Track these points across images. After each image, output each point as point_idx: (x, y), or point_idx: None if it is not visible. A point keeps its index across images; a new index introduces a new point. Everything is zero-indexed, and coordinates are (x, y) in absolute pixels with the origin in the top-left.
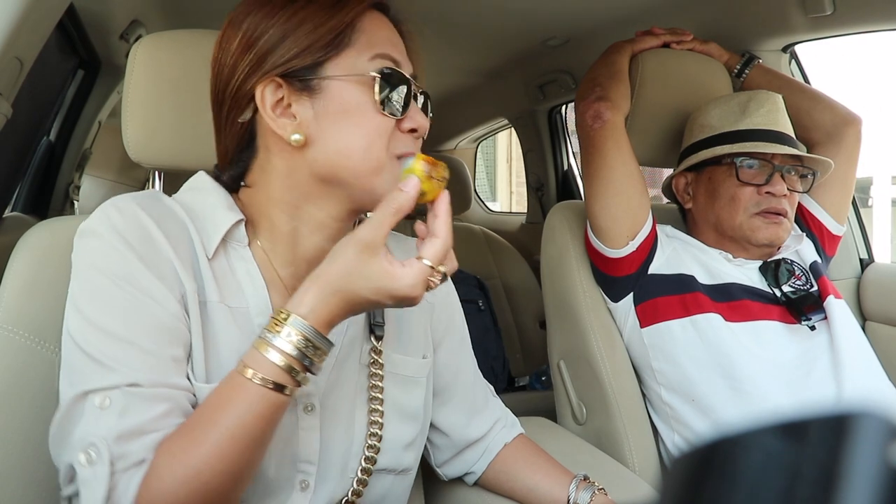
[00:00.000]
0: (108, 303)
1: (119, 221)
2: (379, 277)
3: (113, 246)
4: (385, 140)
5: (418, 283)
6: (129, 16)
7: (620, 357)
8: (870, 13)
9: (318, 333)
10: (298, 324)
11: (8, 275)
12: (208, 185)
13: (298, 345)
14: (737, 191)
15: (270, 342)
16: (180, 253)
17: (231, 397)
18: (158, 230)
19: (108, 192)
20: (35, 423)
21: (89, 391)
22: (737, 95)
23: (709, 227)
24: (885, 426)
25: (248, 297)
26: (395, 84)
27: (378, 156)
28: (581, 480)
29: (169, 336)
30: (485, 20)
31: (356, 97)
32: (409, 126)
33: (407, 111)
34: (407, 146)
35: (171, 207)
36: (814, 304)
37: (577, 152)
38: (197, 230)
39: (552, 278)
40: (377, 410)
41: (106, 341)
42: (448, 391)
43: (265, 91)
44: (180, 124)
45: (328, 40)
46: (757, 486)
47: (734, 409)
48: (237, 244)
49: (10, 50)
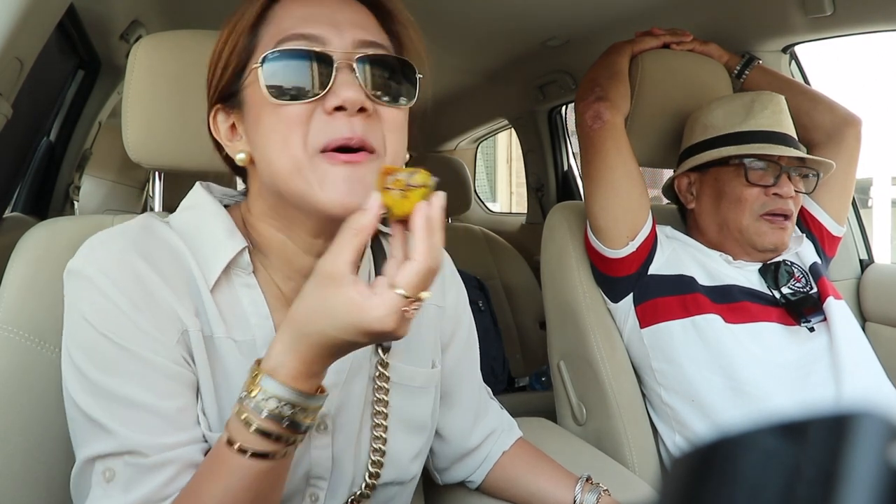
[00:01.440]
0: (100, 358)
1: (106, 262)
2: (345, 312)
3: (101, 292)
4: (300, 134)
5: (389, 314)
6: (129, 16)
7: (620, 357)
8: (870, 13)
9: (295, 392)
10: (270, 385)
11: (8, 275)
12: (205, 202)
13: (273, 409)
14: (744, 191)
15: (246, 406)
16: (178, 289)
17: (214, 470)
18: (151, 269)
19: (108, 192)
20: (35, 423)
21: (94, 457)
22: (740, 96)
23: (712, 228)
24: (884, 426)
25: (253, 329)
26: (293, 65)
27: (294, 154)
28: (585, 482)
29: (170, 386)
30: (485, 21)
31: (257, 96)
32: (333, 104)
33: (328, 87)
34: (330, 132)
35: (165, 239)
36: (813, 305)
37: (577, 153)
38: (196, 260)
39: (552, 279)
40: (380, 425)
41: (102, 401)
42: (454, 395)
43: (216, 120)
44: (180, 124)
45: (242, 45)
46: (757, 486)
47: (734, 410)
48: (241, 271)
49: (10, 50)
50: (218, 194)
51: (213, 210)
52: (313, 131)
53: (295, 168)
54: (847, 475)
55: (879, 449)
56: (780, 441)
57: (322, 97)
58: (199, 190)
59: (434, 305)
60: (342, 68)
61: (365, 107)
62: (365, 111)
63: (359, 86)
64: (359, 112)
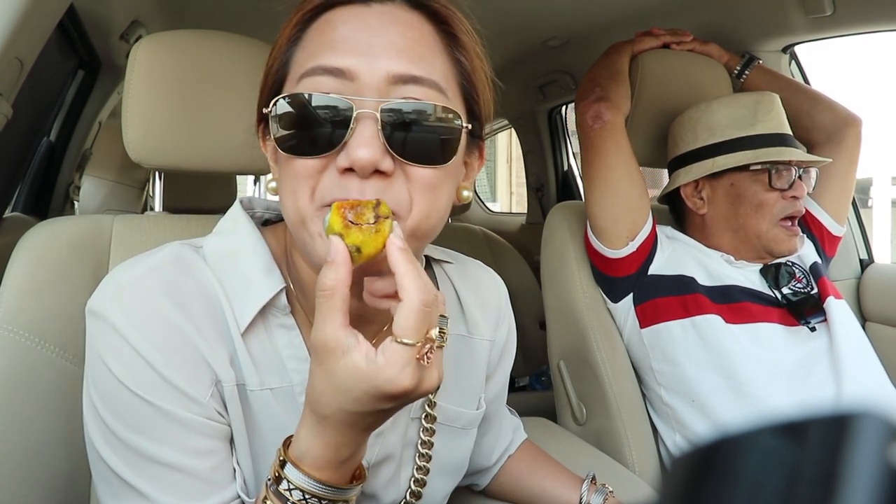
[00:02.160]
0: (128, 415)
1: (133, 309)
2: (354, 382)
3: (127, 342)
4: (308, 188)
5: (402, 370)
6: (130, 16)
7: (620, 357)
8: (870, 13)
9: (323, 485)
10: (294, 476)
11: (8, 275)
12: (243, 228)
13: (299, 501)
14: (765, 196)
15: (271, 493)
16: (210, 337)
17: None
18: (182, 315)
19: (108, 192)
20: (35, 423)
21: None
22: (740, 97)
23: (726, 233)
24: (885, 426)
25: (290, 374)
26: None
27: (299, 206)
28: (591, 483)
29: (206, 443)
30: (485, 20)
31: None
32: (342, 165)
33: (342, 142)
34: (335, 191)
35: (198, 276)
36: (814, 306)
37: (577, 153)
38: (230, 301)
39: (552, 279)
40: (423, 468)
41: (133, 460)
42: (487, 423)
43: (265, 140)
44: (180, 124)
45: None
46: (757, 486)
47: (734, 411)
48: (278, 311)
49: (10, 50)
50: (261, 209)
51: (252, 239)
52: (321, 187)
53: (300, 219)
54: (847, 475)
55: (879, 449)
56: (780, 441)
57: (334, 154)
58: (237, 211)
59: (486, 340)
60: (363, 119)
61: (382, 169)
62: (383, 174)
63: (380, 143)
64: (375, 174)
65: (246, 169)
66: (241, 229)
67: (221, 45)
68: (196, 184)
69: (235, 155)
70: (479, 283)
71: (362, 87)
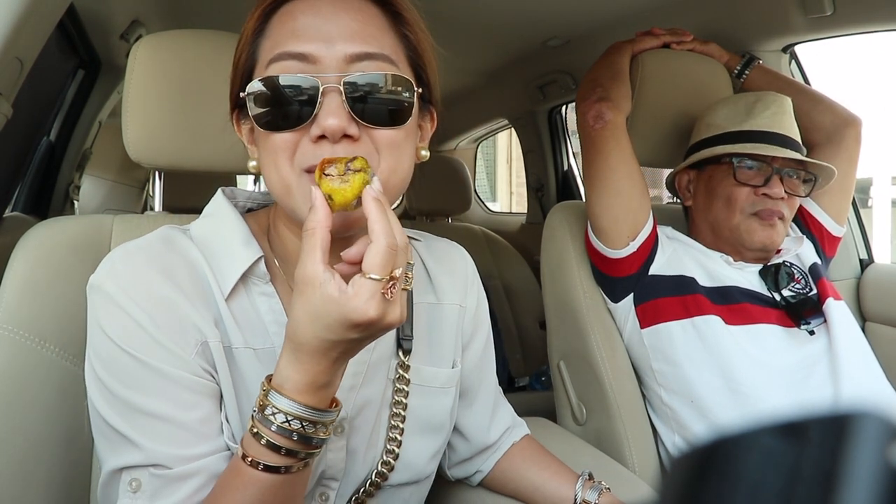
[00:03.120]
0: (122, 373)
1: (126, 279)
2: (327, 311)
3: (121, 307)
4: (287, 157)
5: (368, 301)
6: (130, 16)
7: (620, 357)
8: (870, 13)
9: (304, 406)
10: (278, 400)
11: (8, 275)
12: (223, 210)
13: (282, 423)
14: (733, 190)
15: (257, 421)
16: (196, 302)
17: (230, 483)
18: (170, 283)
19: (108, 191)
20: (35, 423)
21: (120, 468)
22: (746, 96)
23: (707, 227)
24: (884, 426)
25: (272, 337)
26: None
27: (282, 175)
28: (587, 479)
29: (192, 397)
30: (485, 20)
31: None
32: (315, 133)
33: (312, 116)
34: (313, 156)
35: (184, 251)
36: (813, 307)
37: (577, 153)
38: (213, 271)
39: (552, 279)
40: (397, 427)
41: (126, 413)
42: (473, 392)
43: (238, 122)
44: (180, 124)
45: (245, 57)
46: (757, 486)
47: (733, 412)
48: (258, 280)
49: (10, 50)
50: (242, 199)
51: (231, 218)
52: (299, 155)
53: (285, 188)
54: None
55: (879, 449)
56: (779, 441)
57: (307, 126)
58: (219, 197)
59: (456, 305)
60: (329, 92)
61: (349, 133)
62: (350, 137)
63: (345, 112)
64: (344, 138)
65: (246, 169)
66: (221, 212)
67: (221, 45)
68: (196, 184)
69: (235, 155)
70: (445, 256)
71: (324, 67)
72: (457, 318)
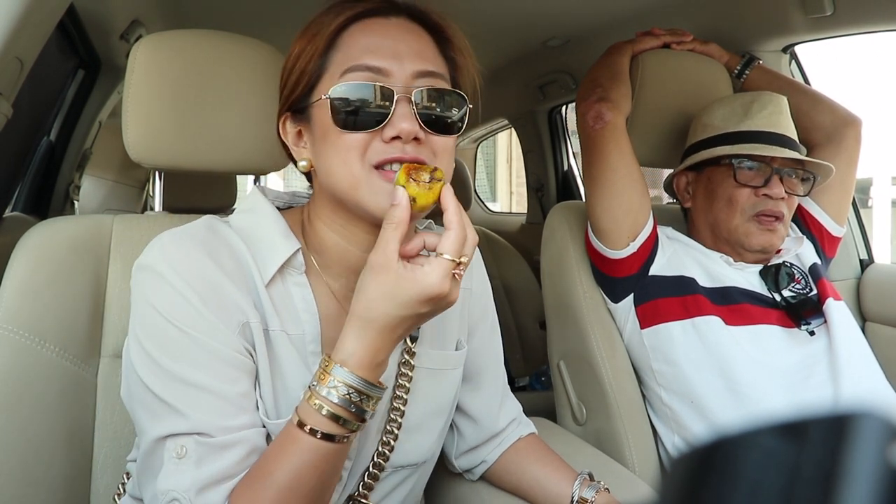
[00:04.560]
0: (170, 345)
1: (177, 259)
2: (402, 290)
3: (171, 285)
4: (358, 155)
5: (443, 277)
6: (130, 16)
7: (620, 358)
8: (870, 13)
9: (362, 381)
10: (340, 373)
11: (8, 275)
12: (263, 207)
13: (343, 395)
14: (734, 192)
15: (318, 393)
16: (239, 285)
17: (285, 449)
18: (216, 266)
19: (108, 191)
20: (35, 423)
21: (165, 436)
22: (741, 96)
23: (706, 228)
24: (884, 426)
25: (304, 324)
26: (357, 99)
27: (352, 171)
28: (585, 478)
29: (234, 372)
30: (485, 20)
31: (325, 120)
32: (390, 135)
33: (386, 120)
34: (385, 153)
35: (227, 239)
36: (813, 308)
37: (577, 153)
38: (254, 259)
39: (552, 279)
40: (398, 409)
41: (172, 384)
42: (480, 376)
43: (286, 125)
44: (180, 124)
45: (313, 67)
46: (757, 486)
47: (733, 412)
48: (294, 271)
49: (10, 50)
50: (272, 197)
51: (270, 213)
52: (370, 153)
53: (353, 182)
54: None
55: (879, 449)
56: (779, 441)
57: (382, 128)
58: (256, 194)
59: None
60: (401, 100)
61: (418, 136)
62: (418, 140)
63: (414, 117)
64: (412, 140)
65: (246, 169)
66: (260, 207)
67: (221, 45)
68: (196, 184)
69: (235, 155)
70: None
71: (395, 80)
72: (462, 299)
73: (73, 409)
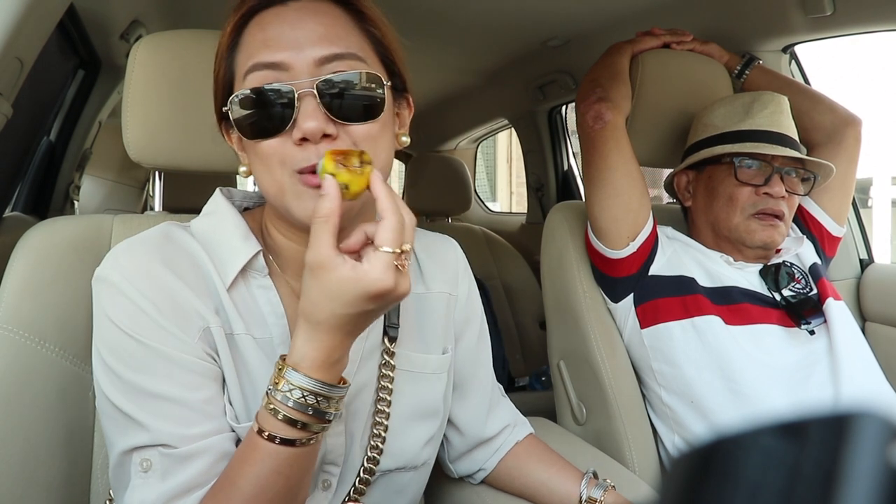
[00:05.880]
0: (128, 357)
1: (130, 269)
2: (344, 288)
3: (125, 295)
4: (278, 161)
5: (385, 271)
6: (130, 16)
7: (620, 358)
8: (870, 13)
9: (318, 382)
10: (294, 377)
11: (8, 275)
12: (223, 209)
13: (298, 398)
14: (735, 190)
15: (273, 398)
16: (198, 290)
17: (248, 456)
18: (172, 273)
19: (108, 191)
20: (35, 423)
21: (130, 450)
22: (742, 96)
23: (707, 227)
24: (884, 426)
25: (270, 328)
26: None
27: (275, 178)
28: (591, 478)
29: (196, 379)
30: (485, 20)
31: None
32: (296, 137)
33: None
34: (302, 161)
35: (184, 245)
36: (813, 308)
37: (577, 153)
38: (214, 264)
39: (552, 278)
40: (383, 412)
41: (133, 396)
42: (467, 385)
43: (228, 134)
44: (180, 124)
45: (223, 72)
46: (757, 486)
47: (733, 412)
48: (257, 273)
49: (10, 50)
50: (239, 198)
51: (230, 215)
52: (287, 158)
53: (278, 189)
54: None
55: (879, 449)
56: (779, 441)
57: (289, 130)
58: (217, 197)
59: (445, 293)
60: (303, 97)
61: (328, 133)
62: (329, 136)
63: (321, 113)
64: (324, 138)
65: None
66: (221, 210)
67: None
68: (196, 184)
69: (235, 155)
70: (436, 248)
71: (297, 73)
72: (446, 306)
73: (72, 409)
